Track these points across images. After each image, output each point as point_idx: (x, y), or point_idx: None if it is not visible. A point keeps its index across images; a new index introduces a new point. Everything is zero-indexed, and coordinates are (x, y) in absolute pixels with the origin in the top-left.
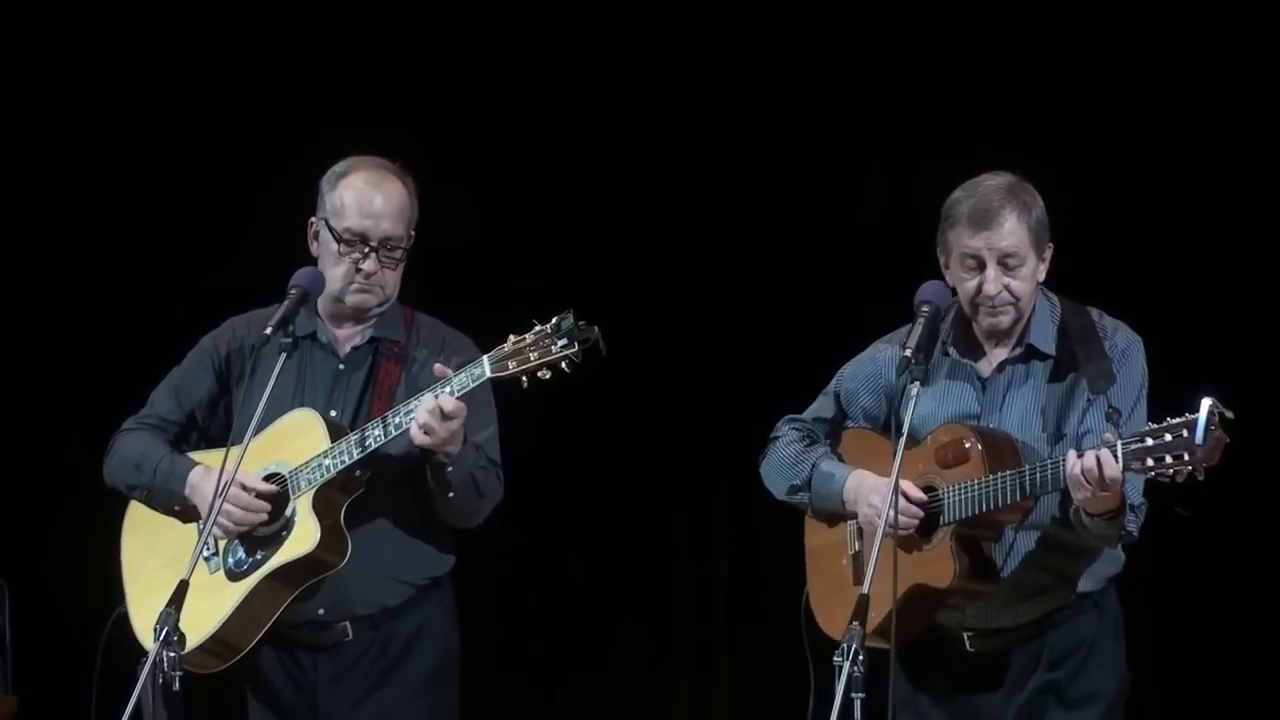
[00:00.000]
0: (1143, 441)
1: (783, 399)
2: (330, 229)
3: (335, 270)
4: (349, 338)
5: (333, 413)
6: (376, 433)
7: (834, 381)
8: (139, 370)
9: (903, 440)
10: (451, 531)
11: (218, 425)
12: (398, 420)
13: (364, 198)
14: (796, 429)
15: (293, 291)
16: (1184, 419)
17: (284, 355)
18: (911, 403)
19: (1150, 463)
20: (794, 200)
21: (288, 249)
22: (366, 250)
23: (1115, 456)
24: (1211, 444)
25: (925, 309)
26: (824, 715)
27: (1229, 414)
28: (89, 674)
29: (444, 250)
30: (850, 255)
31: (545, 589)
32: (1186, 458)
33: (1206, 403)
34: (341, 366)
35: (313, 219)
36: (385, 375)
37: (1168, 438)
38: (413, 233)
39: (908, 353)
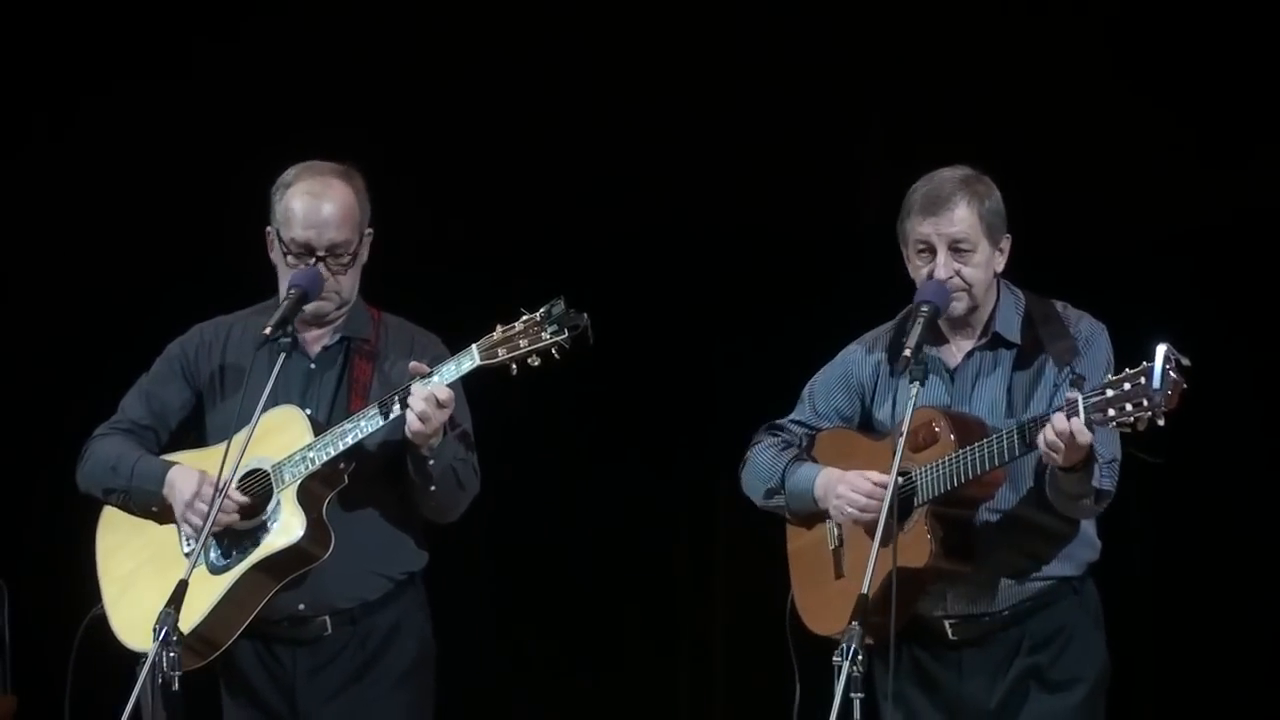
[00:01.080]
0: (1103, 394)
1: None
2: (280, 239)
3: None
4: (318, 338)
5: (306, 411)
6: (364, 424)
7: (808, 387)
8: (134, 369)
9: (902, 440)
10: (429, 528)
11: (190, 429)
12: (385, 411)
13: (308, 207)
14: (773, 434)
15: (292, 292)
16: (1141, 367)
17: (283, 355)
18: (911, 402)
19: (1112, 413)
20: (793, 200)
21: (262, 253)
22: (314, 260)
23: (1078, 412)
24: (1169, 388)
25: (925, 309)
26: (811, 713)
27: (1184, 360)
28: (87, 674)
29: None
30: (850, 255)
31: (543, 587)
32: (1146, 404)
33: (1162, 348)
34: (313, 366)
35: (269, 228)
36: (359, 373)
37: (1126, 387)
38: (367, 231)
39: (907, 353)
